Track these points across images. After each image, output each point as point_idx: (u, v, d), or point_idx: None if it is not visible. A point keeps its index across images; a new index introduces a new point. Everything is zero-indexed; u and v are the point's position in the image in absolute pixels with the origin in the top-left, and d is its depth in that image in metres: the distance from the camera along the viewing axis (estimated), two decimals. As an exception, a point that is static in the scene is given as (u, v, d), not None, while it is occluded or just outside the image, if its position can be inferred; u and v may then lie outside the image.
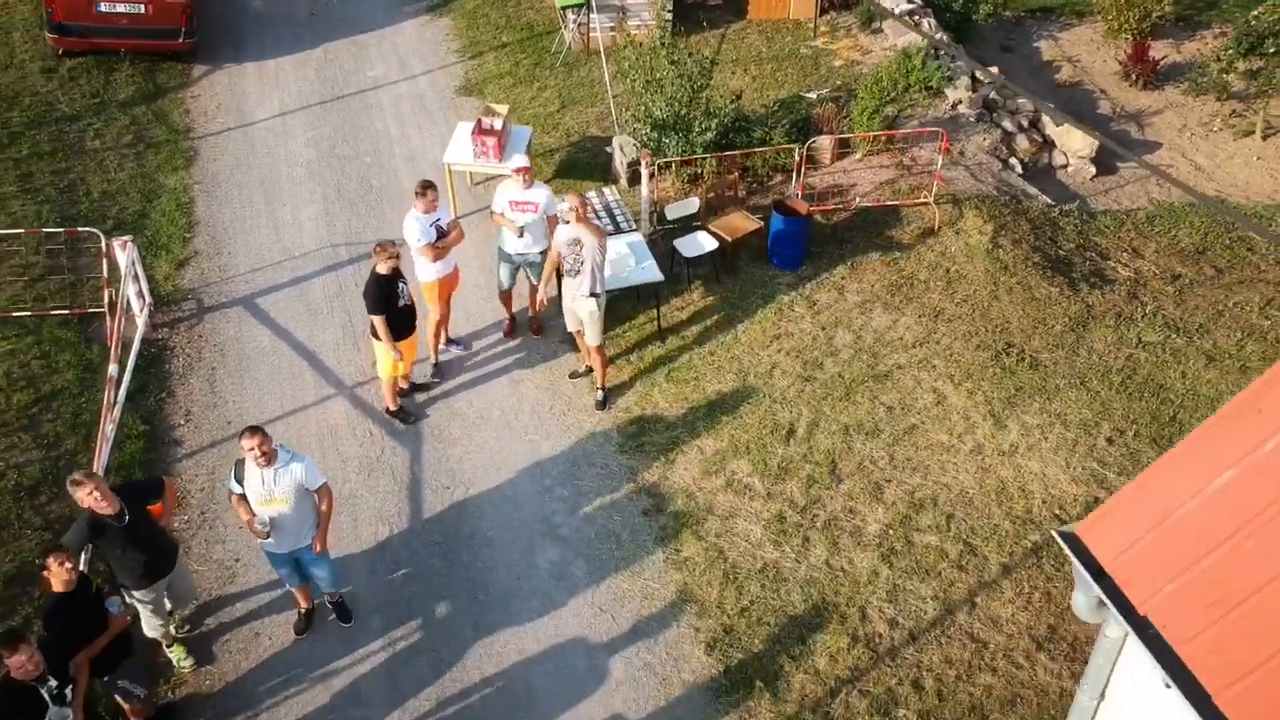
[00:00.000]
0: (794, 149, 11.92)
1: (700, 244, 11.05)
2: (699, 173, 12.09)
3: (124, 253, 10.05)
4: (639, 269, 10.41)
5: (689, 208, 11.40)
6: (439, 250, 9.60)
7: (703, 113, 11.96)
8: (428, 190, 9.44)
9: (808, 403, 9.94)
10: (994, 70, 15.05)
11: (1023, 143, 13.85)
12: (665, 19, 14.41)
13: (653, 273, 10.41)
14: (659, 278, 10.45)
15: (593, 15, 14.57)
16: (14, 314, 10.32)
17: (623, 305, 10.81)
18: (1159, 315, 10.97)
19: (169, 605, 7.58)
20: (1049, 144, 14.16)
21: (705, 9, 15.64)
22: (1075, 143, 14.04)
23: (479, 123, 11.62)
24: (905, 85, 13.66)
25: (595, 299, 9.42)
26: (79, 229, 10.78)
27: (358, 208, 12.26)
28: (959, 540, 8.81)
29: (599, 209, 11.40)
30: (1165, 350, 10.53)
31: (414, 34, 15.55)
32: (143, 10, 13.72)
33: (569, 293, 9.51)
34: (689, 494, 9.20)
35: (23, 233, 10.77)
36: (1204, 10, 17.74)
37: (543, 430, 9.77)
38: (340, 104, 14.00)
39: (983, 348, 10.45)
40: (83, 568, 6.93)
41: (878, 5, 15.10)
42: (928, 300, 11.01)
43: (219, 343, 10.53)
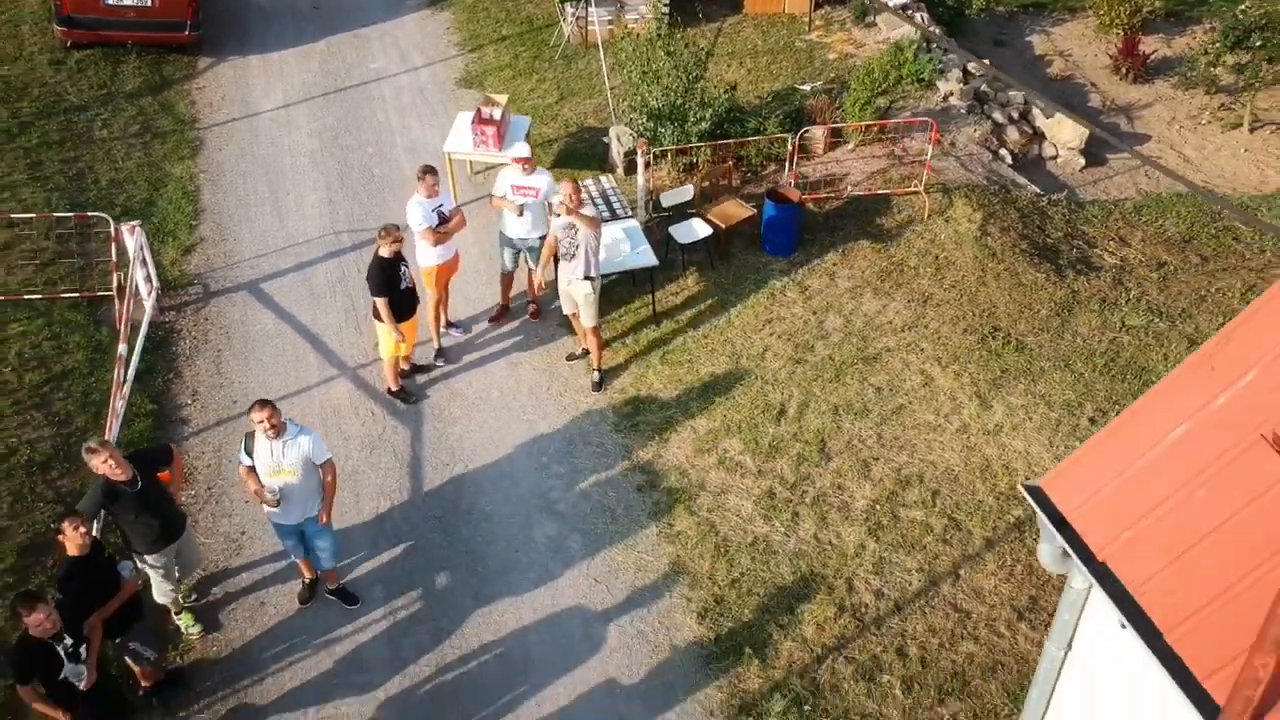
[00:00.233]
0: (787, 138, 12.18)
1: (695, 231, 11.31)
2: (694, 162, 12.35)
3: (132, 237, 10.32)
4: (634, 254, 10.67)
5: (684, 195, 11.66)
6: (440, 235, 9.85)
7: (698, 103, 12.22)
8: (428, 175, 9.70)
9: (798, 384, 10.20)
10: (985, 63, 15.28)
11: (1013, 134, 14.10)
12: (662, 12, 14.67)
13: (648, 257, 10.68)
14: (654, 262, 10.71)
15: (591, 9, 14.83)
16: (25, 296, 10.60)
17: (619, 290, 11.07)
18: (1143, 300, 11.22)
19: (178, 572, 7.84)
20: (1039, 135, 14.42)
21: (702, 3, 15.89)
22: (1065, 134, 14.30)
23: (479, 112, 11.88)
24: (897, 77, 13.92)
25: (590, 282, 9.68)
26: (89, 214, 11.05)
27: (360, 196, 12.53)
28: (944, 515, 9.06)
29: (596, 196, 11.66)
30: (1148, 334, 10.78)
31: (415, 27, 15.82)
32: (149, 3, 13.98)
33: (564, 276, 9.77)
34: (682, 471, 9.46)
35: (34, 217, 11.05)
36: (1194, 6, 17.99)
37: (540, 410, 10.03)
38: (343, 95, 14.27)
39: (970, 331, 10.70)
40: (95, 534, 7.19)
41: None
42: (917, 286, 11.27)
43: (224, 325, 10.79)
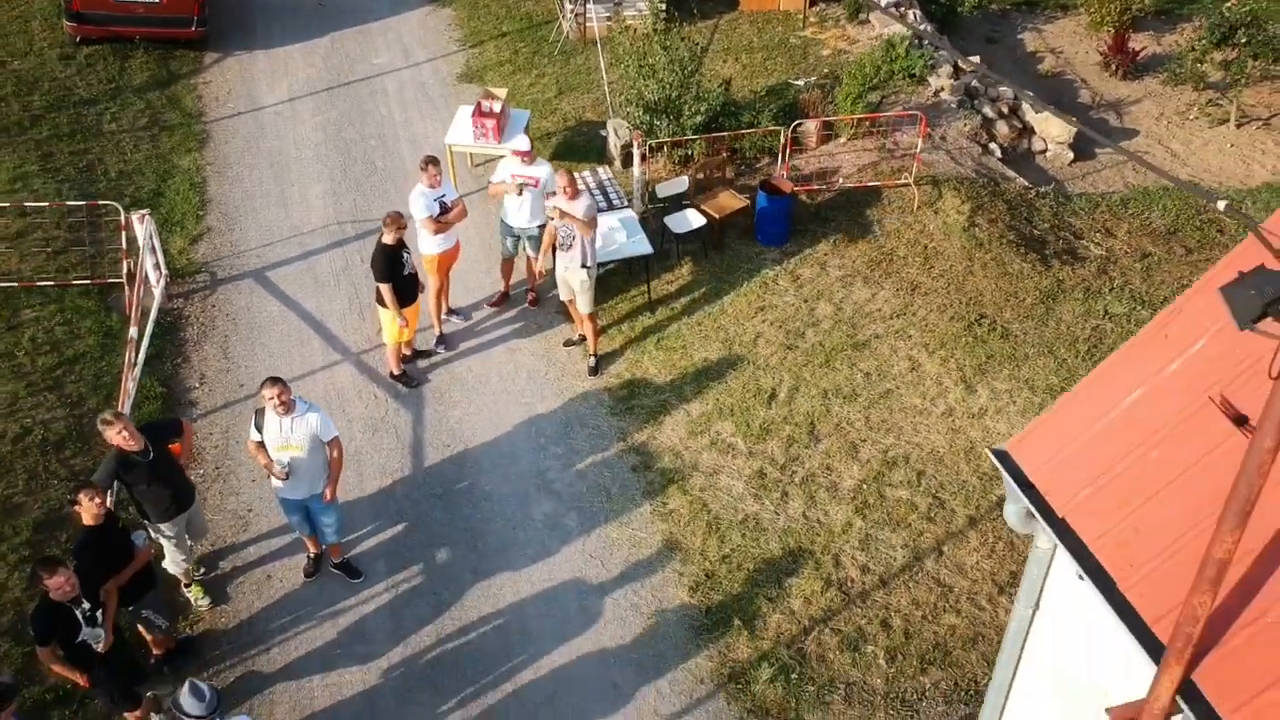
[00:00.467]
0: (780, 132, 12.47)
1: (689, 221, 11.60)
2: (689, 154, 12.64)
3: (142, 226, 10.62)
4: (630, 242, 10.97)
5: (679, 187, 11.96)
6: (441, 224, 10.15)
7: (693, 97, 12.51)
8: (430, 165, 9.99)
9: (789, 369, 10.49)
10: (975, 59, 15.58)
11: (1003, 128, 14.38)
12: (659, 8, 14.95)
13: (643, 246, 10.97)
14: (649, 251, 11.01)
15: (589, 5, 15.11)
16: (38, 283, 10.90)
17: (615, 278, 11.36)
18: (1126, 289, 11.51)
19: (189, 541, 8.14)
20: (1028, 130, 14.69)
21: (699, 0, 16.18)
22: (1054, 129, 14.58)
23: (479, 106, 12.18)
24: (889, 73, 14.20)
25: (586, 270, 9.97)
26: (99, 203, 11.35)
27: (363, 187, 12.82)
28: (929, 495, 9.36)
29: (593, 187, 11.95)
30: (1131, 321, 11.07)
31: (417, 23, 16.12)
32: (157, 0, 14.30)
33: (561, 264, 10.07)
34: (675, 453, 9.76)
35: (47, 206, 11.36)
36: (1184, 4, 18.25)
37: (538, 394, 10.32)
38: (346, 90, 14.56)
39: (956, 319, 10.99)
40: (110, 505, 7.48)
41: (865, -3, 15.64)
42: (906, 275, 11.56)
43: (231, 312, 11.09)
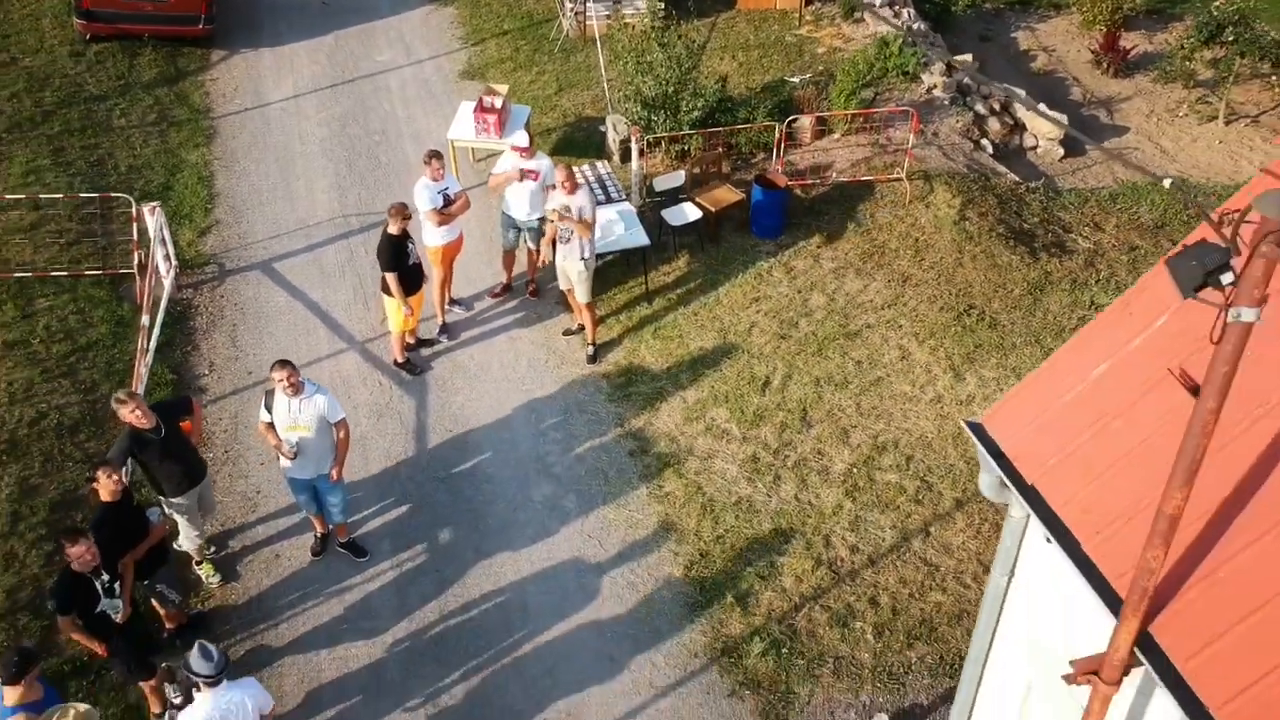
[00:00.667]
0: (775, 127, 12.76)
1: (686, 214, 11.89)
2: (686, 149, 12.93)
3: (153, 218, 10.92)
4: (628, 235, 11.25)
5: (676, 181, 12.24)
6: (444, 216, 10.43)
7: (690, 93, 12.80)
8: (433, 159, 10.27)
9: (783, 358, 10.78)
10: (968, 58, 15.87)
11: (994, 125, 14.67)
12: (658, 6, 15.24)
13: (640, 238, 11.26)
14: (647, 242, 11.30)
15: (589, 4, 15.40)
16: (52, 273, 11.19)
17: (614, 270, 11.65)
18: (1112, 281, 11.79)
19: (201, 515, 8.43)
20: (1020, 126, 14.98)
21: (696, -1, 16.48)
22: (1044, 125, 14.86)
23: (480, 101, 12.47)
24: (883, 70, 14.49)
25: (583, 261, 10.25)
26: (111, 194, 11.65)
27: (367, 181, 13.11)
28: (917, 478, 9.64)
29: (592, 181, 12.23)
30: (1116, 312, 11.33)
31: (420, 22, 16.41)
32: (165, -2, 14.62)
33: (561, 254, 10.35)
34: (672, 438, 10.04)
35: (62, 198, 11.66)
36: (1175, 3, 18.55)
37: (538, 381, 10.60)
38: (351, 87, 14.86)
39: (946, 309, 11.27)
40: (125, 483, 7.76)
41: (860, -4, 15.94)
42: (897, 267, 11.84)
43: (239, 302, 11.38)
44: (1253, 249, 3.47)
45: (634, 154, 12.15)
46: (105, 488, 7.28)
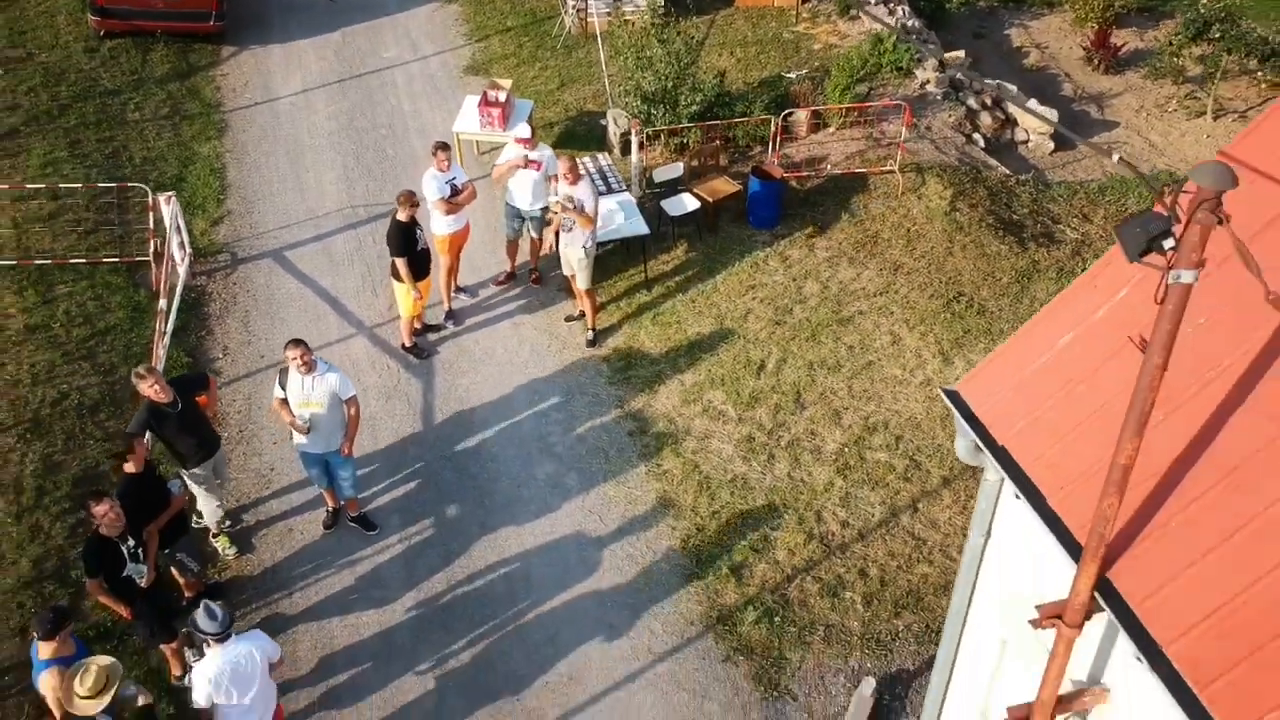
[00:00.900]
0: (771, 120, 13.12)
1: (684, 204, 12.25)
2: (685, 142, 13.30)
3: (168, 207, 11.30)
4: (628, 224, 11.62)
5: (674, 172, 12.62)
6: (452, 205, 10.79)
7: (689, 88, 13.17)
8: (441, 150, 10.65)
9: (777, 343, 11.14)
10: (960, 54, 16.23)
11: (986, 119, 15.03)
12: (657, 3, 15.60)
13: (640, 227, 11.64)
14: (646, 231, 11.67)
15: (590, 1, 15.76)
16: (71, 261, 11.57)
17: (614, 258, 12.01)
18: (1098, 270, 12.13)
19: (219, 485, 8.81)
20: (1011, 121, 15.34)
21: (695, -4, 16.86)
22: (1035, 120, 15.21)
23: (485, 95, 12.85)
24: (877, 66, 14.85)
25: (584, 249, 10.62)
26: (128, 184, 12.02)
27: (374, 173, 13.49)
28: (906, 457, 10.01)
29: (593, 173, 12.59)
30: (1101, 300, 11.70)
31: (425, 19, 16.79)
32: (177, -5, 15.01)
33: (563, 242, 10.72)
34: (670, 419, 10.41)
35: (81, 187, 12.05)
36: (1167, 0, 18.90)
37: (541, 365, 10.97)
38: (358, 82, 15.23)
39: (936, 296, 11.64)
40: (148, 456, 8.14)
41: (855, -7, 16.29)
42: (889, 256, 12.21)
43: (251, 289, 11.76)
44: (1189, 216, 3.82)
45: (634, 147, 12.52)
46: (138, 457, 7.65)
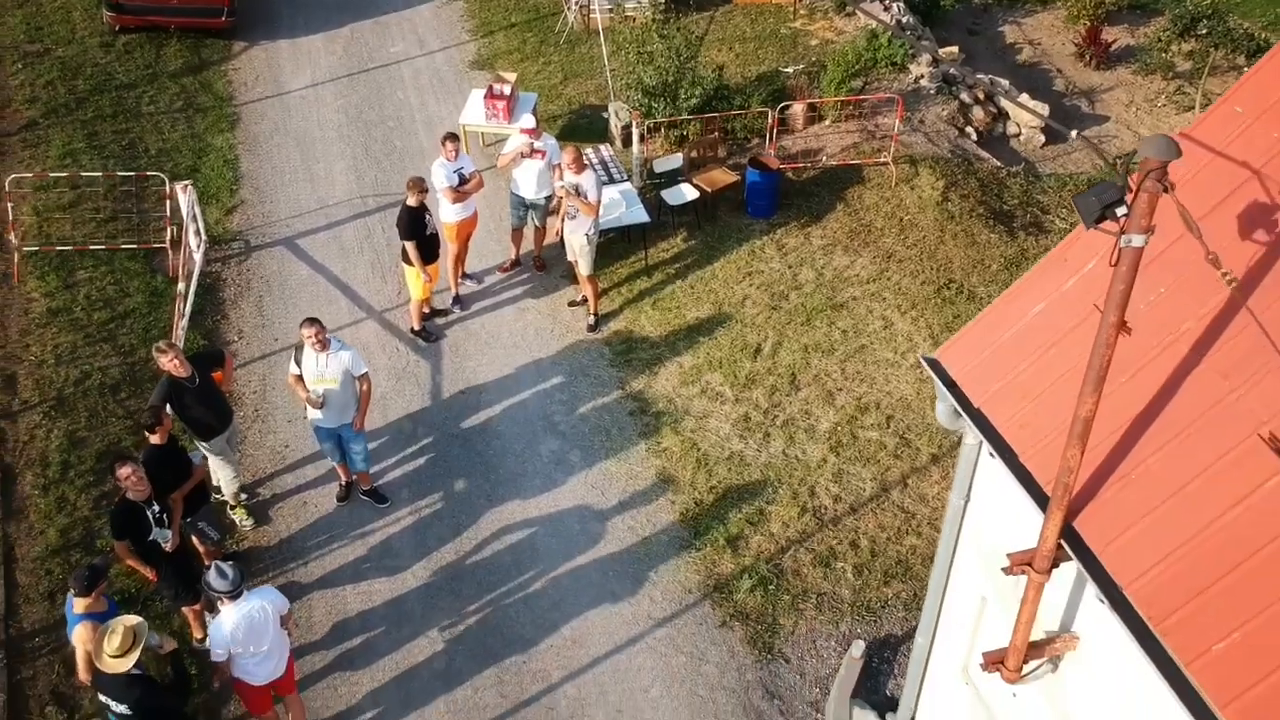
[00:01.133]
0: (769, 113, 13.51)
1: (684, 194, 12.64)
2: (684, 134, 13.68)
3: (185, 195, 11.69)
4: (629, 212, 12.02)
5: (674, 163, 13.01)
6: (459, 194, 11.18)
7: (689, 82, 13.56)
8: (449, 140, 11.03)
9: (773, 327, 11.52)
10: (954, 50, 16.61)
11: (978, 113, 15.40)
12: (658, 1, 15.99)
13: (641, 215, 12.03)
14: (647, 219, 12.07)
15: (593, -2, 16.17)
16: (91, 247, 11.97)
17: (616, 246, 12.40)
18: (1085, 258, 12.51)
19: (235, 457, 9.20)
20: (1003, 115, 15.71)
21: (696, -7, 17.24)
22: (1026, 114, 15.58)
23: (490, 88, 13.24)
24: (872, 60, 15.23)
25: (587, 236, 11.01)
26: (146, 173, 12.43)
27: (383, 165, 13.88)
28: (896, 435, 10.39)
29: (595, 164, 12.98)
30: (1087, 286, 12.08)
31: (431, 15, 17.18)
32: (190, -9, 15.41)
33: (568, 229, 11.11)
34: (669, 399, 10.80)
35: (101, 175, 12.46)
36: (1159, -3, 19.27)
37: (545, 348, 11.36)
38: (366, 76, 15.63)
39: (927, 283, 12.02)
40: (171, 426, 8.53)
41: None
42: (882, 244, 12.59)
43: (265, 275, 12.15)
44: (1139, 185, 4.21)
45: (635, 138, 12.91)
46: (163, 429, 8.04)
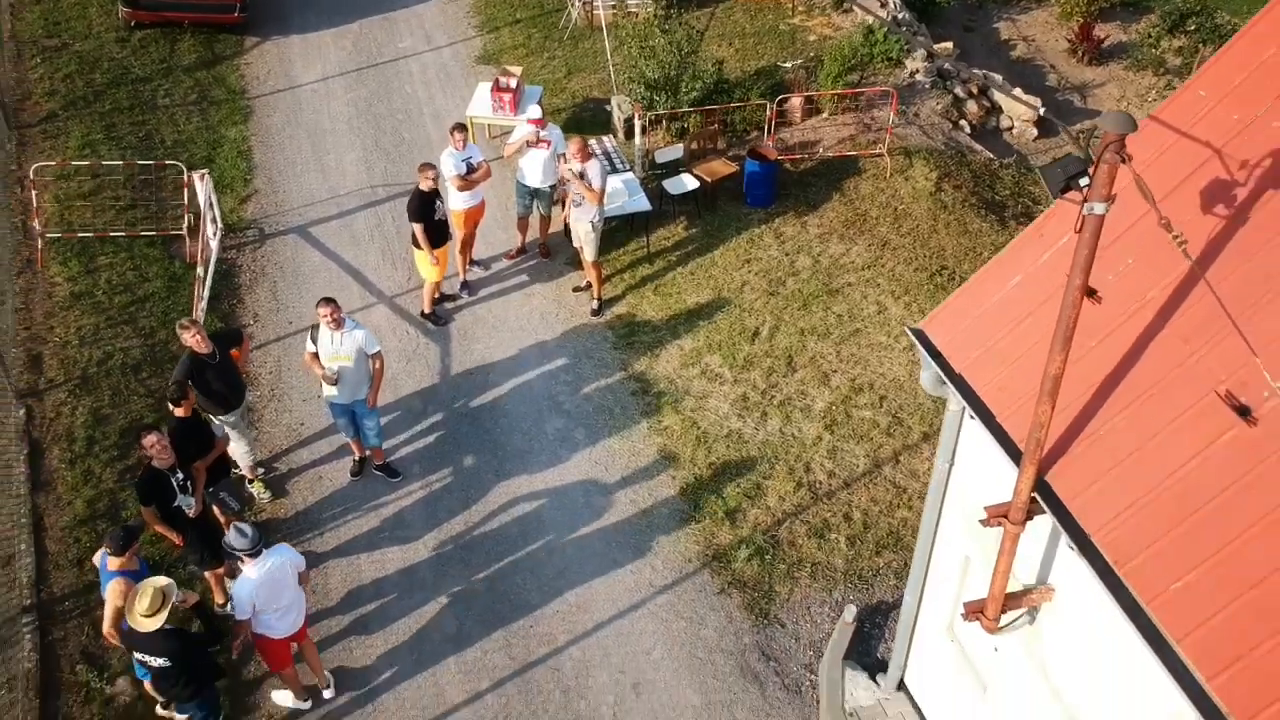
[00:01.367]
0: (767, 106, 13.90)
1: (684, 184, 13.03)
2: (685, 126, 14.08)
3: (202, 184, 12.09)
4: (632, 200, 12.42)
5: (675, 154, 13.40)
6: (467, 182, 11.57)
7: (689, 76, 13.96)
8: (458, 131, 11.43)
9: (771, 311, 11.92)
10: (949, 45, 17.00)
11: (972, 107, 15.78)
12: (660, -3, 16.39)
13: (642, 202, 12.44)
14: (649, 207, 12.47)
15: (596, -6, 16.55)
16: (111, 234, 12.37)
17: (618, 233, 12.79)
18: (1073, 246, 12.90)
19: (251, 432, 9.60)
20: (996, 109, 16.09)
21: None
22: (1019, 108, 15.97)
23: (496, 81, 13.63)
24: (868, 55, 15.62)
25: (591, 223, 11.40)
26: (165, 161, 12.85)
27: (392, 156, 14.28)
28: (889, 414, 10.78)
29: (599, 155, 13.36)
30: (1075, 273, 12.46)
31: (438, 11, 17.57)
32: (203, -12, 15.81)
33: (574, 216, 11.51)
34: (670, 380, 11.19)
35: (122, 164, 12.86)
36: (1152, -6, 19.64)
37: (550, 331, 11.75)
38: (375, 71, 16.02)
39: (920, 270, 12.41)
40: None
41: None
42: (877, 233, 12.98)
43: (279, 262, 12.55)
44: (1099, 157, 4.60)
45: (637, 130, 13.30)
46: (188, 403, 8.45)
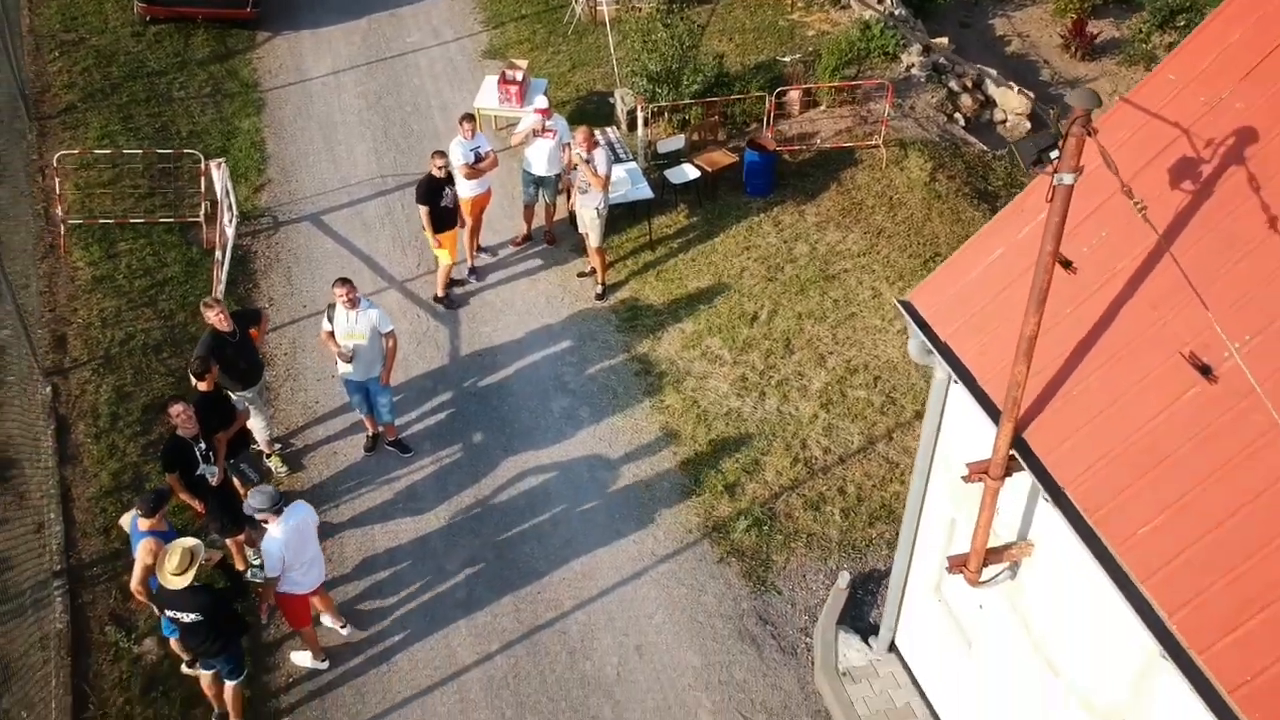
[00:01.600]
0: (766, 98, 14.29)
1: (686, 174, 13.42)
2: (686, 118, 14.47)
3: (219, 172, 12.49)
4: (634, 189, 12.81)
5: (677, 144, 13.79)
6: (474, 171, 11.97)
7: (691, 69, 14.35)
8: (466, 121, 11.82)
9: (769, 296, 12.30)
10: (944, 41, 17.39)
11: (966, 101, 16.16)
12: (662, -6, 16.80)
13: (645, 191, 12.84)
14: (651, 195, 12.88)
15: (600, -9, 16.94)
16: (130, 221, 12.78)
17: (622, 221, 13.19)
18: (1063, 234, 13.29)
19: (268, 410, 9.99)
20: (990, 102, 16.47)
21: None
22: (1012, 102, 16.35)
23: (503, 74, 14.03)
24: (865, 50, 16.01)
25: (596, 210, 11.80)
26: (183, 150, 13.25)
27: (401, 147, 14.67)
28: (883, 394, 11.17)
29: (602, 145, 13.73)
30: (1064, 260, 12.85)
31: (445, 7, 17.98)
32: (217, -16, 16.22)
33: (579, 203, 11.90)
34: (672, 361, 11.58)
35: (141, 152, 13.28)
36: (1144, -9, 20.01)
37: (556, 315, 12.15)
38: (384, 64, 16.42)
39: (914, 256, 12.79)
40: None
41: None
42: (872, 221, 13.37)
43: (292, 248, 12.94)
44: (1068, 130, 4.98)
45: (639, 122, 13.69)
46: (211, 377, 8.84)
